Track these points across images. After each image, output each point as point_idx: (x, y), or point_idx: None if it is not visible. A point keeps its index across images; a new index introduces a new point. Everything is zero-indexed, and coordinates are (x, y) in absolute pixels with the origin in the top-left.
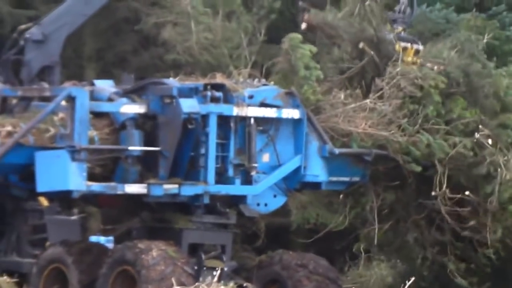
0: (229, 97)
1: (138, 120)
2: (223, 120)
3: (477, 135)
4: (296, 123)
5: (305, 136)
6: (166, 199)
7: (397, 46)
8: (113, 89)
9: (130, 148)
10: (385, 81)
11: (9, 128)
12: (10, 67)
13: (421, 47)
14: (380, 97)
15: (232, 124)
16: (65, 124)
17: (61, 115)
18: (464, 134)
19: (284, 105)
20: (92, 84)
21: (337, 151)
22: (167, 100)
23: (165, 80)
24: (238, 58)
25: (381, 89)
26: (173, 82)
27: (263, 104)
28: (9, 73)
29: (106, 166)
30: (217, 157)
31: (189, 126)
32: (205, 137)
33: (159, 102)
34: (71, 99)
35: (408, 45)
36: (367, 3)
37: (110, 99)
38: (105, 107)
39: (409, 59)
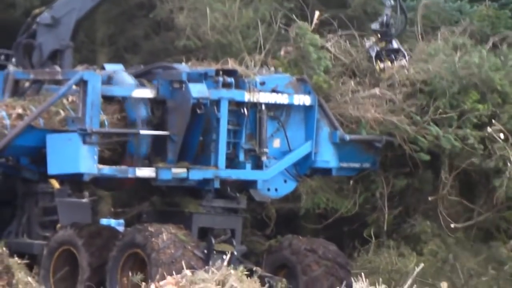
0: (241, 83)
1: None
2: (235, 106)
3: (489, 130)
4: (307, 109)
5: (316, 122)
6: (175, 183)
7: (376, 67)
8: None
9: (142, 132)
10: (394, 69)
11: (20, 110)
12: (23, 50)
13: (406, 63)
14: (390, 86)
15: (243, 110)
16: (75, 107)
17: (71, 98)
18: (476, 128)
19: (296, 93)
20: (103, 68)
21: (347, 137)
22: (176, 85)
23: (175, 65)
24: (252, 45)
25: (390, 77)
26: (183, 67)
27: (274, 91)
28: (22, 56)
29: (115, 150)
30: (228, 142)
31: (198, 111)
32: (216, 122)
33: (168, 86)
34: (83, 83)
35: (389, 64)
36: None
37: None
38: (117, 91)
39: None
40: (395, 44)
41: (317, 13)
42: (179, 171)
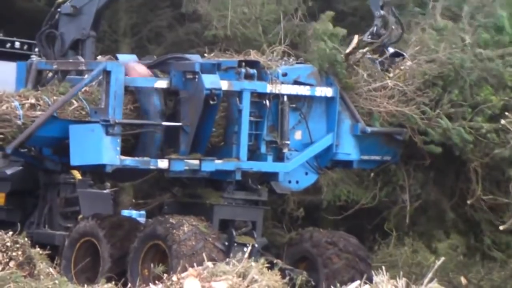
0: (263, 74)
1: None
2: (257, 97)
3: (502, 121)
4: (329, 101)
5: (338, 114)
6: (187, 174)
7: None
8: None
9: (164, 123)
10: (403, 60)
11: (32, 100)
12: (45, 40)
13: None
14: (401, 77)
15: (265, 101)
16: (88, 98)
17: (84, 88)
18: (490, 120)
19: (318, 84)
20: (116, 59)
21: (369, 129)
22: (189, 76)
23: (188, 56)
24: (274, 36)
25: (401, 69)
26: (196, 58)
27: (296, 82)
28: (45, 46)
29: (127, 141)
30: (249, 134)
31: (211, 102)
32: (238, 113)
33: (181, 77)
34: (106, 74)
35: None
36: None
37: None
38: (140, 82)
39: None
40: (391, 50)
41: (356, 37)
42: (192, 163)
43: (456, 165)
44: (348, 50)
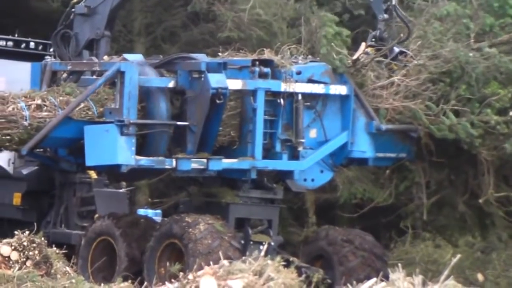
0: (277, 73)
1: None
2: (271, 96)
3: (511, 113)
4: (343, 99)
5: (352, 112)
6: (194, 174)
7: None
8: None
9: (179, 123)
10: (408, 58)
11: (39, 101)
12: (60, 40)
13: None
14: (406, 75)
15: (279, 100)
16: (94, 98)
17: None
18: (499, 113)
19: (332, 82)
20: (123, 58)
21: (384, 127)
22: (196, 75)
23: (194, 55)
24: (288, 35)
25: (405, 65)
26: (202, 57)
27: (310, 80)
28: (60, 46)
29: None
30: (264, 132)
31: (217, 101)
32: (253, 112)
33: (188, 77)
34: (120, 74)
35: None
36: None
37: None
38: (154, 82)
39: None
40: (396, 50)
41: (363, 44)
42: (198, 162)
43: (469, 161)
44: (355, 57)
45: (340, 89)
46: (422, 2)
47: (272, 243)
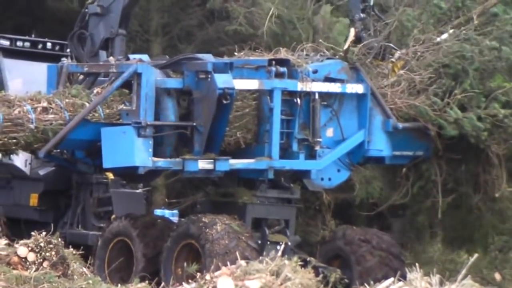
0: (293, 72)
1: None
2: (288, 95)
3: None
4: (360, 97)
5: (369, 110)
6: (201, 174)
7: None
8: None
9: (195, 124)
10: (409, 54)
11: (45, 104)
12: (77, 41)
13: (399, 53)
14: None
15: (296, 99)
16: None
17: (97, 90)
18: (506, 106)
19: (349, 79)
20: (128, 59)
21: (400, 125)
22: (202, 76)
23: (200, 55)
24: (304, 31)
25: (406, 61)
26: (208, 57)
27: (327, 79)
28: (77, 47)
29: None
30: (281, 132)
31: (224, 102)
32: (270, 112)
33: (194, 77)
34: (137, 76)
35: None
36: None
37: None
38: (171, 83)
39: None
40: (376, 46)
41: (352, 30)
42: (206, 162)
43: (480, 156)
44: (345, 46)
45: (356, 88)
46: None
47: (289, 243)
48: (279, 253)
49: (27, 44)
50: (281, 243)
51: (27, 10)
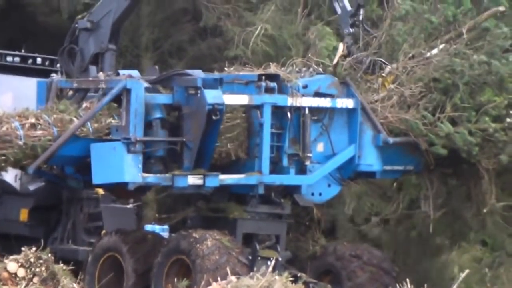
0: (283, 87)
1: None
2: (278, 110)
3: (508, 120)
4: (350, 112)
5: (359, 125)
6: (191, 190)
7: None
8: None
9: (185, 139)
10: (399, 69)
11: (33, 120)
12: (67, 56)
13: (389, 67)
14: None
15: (286, 115)
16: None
17: (85, 104)
18: (496, 120)
19: (339, 94)
20: (117, 74)
21: (391, 140)
22: (192, 91)
23: (190, 71)
24: (294, 47)
25: (396, 76)
26: (198, 73)
27: (317, 94)
28: (67, 62)
29: None
30: (271, 147)
31: (214, 117)
32: (260, 127)
33: (184, 93)
34: (126, 91)
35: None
36: None
37: None
38: (160, 99)
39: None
40: (366, 61)
41: (340, 45)
42: (195, 178)
43: (471, 171)
44: (335, 61)
45: (346, 103)
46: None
47: (280, 259)
48: (270, 269)
49: (16, 59)
50: (271, 258)
51: (18, 24)
